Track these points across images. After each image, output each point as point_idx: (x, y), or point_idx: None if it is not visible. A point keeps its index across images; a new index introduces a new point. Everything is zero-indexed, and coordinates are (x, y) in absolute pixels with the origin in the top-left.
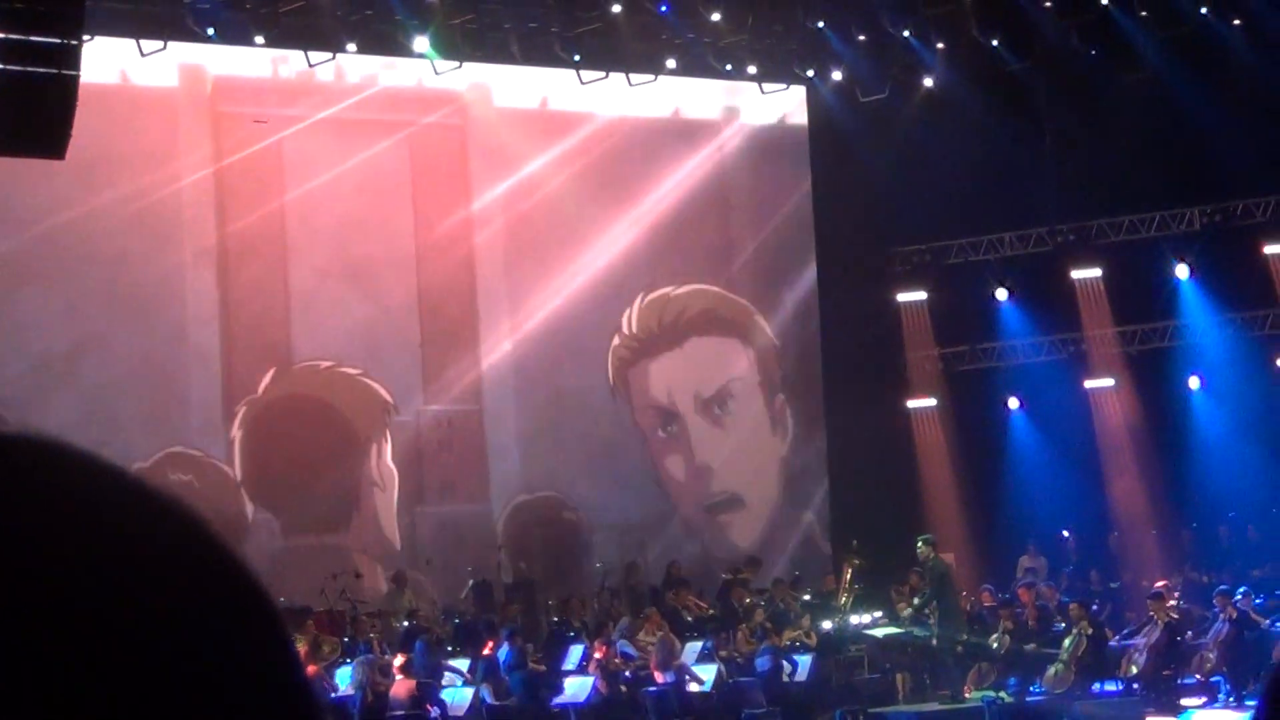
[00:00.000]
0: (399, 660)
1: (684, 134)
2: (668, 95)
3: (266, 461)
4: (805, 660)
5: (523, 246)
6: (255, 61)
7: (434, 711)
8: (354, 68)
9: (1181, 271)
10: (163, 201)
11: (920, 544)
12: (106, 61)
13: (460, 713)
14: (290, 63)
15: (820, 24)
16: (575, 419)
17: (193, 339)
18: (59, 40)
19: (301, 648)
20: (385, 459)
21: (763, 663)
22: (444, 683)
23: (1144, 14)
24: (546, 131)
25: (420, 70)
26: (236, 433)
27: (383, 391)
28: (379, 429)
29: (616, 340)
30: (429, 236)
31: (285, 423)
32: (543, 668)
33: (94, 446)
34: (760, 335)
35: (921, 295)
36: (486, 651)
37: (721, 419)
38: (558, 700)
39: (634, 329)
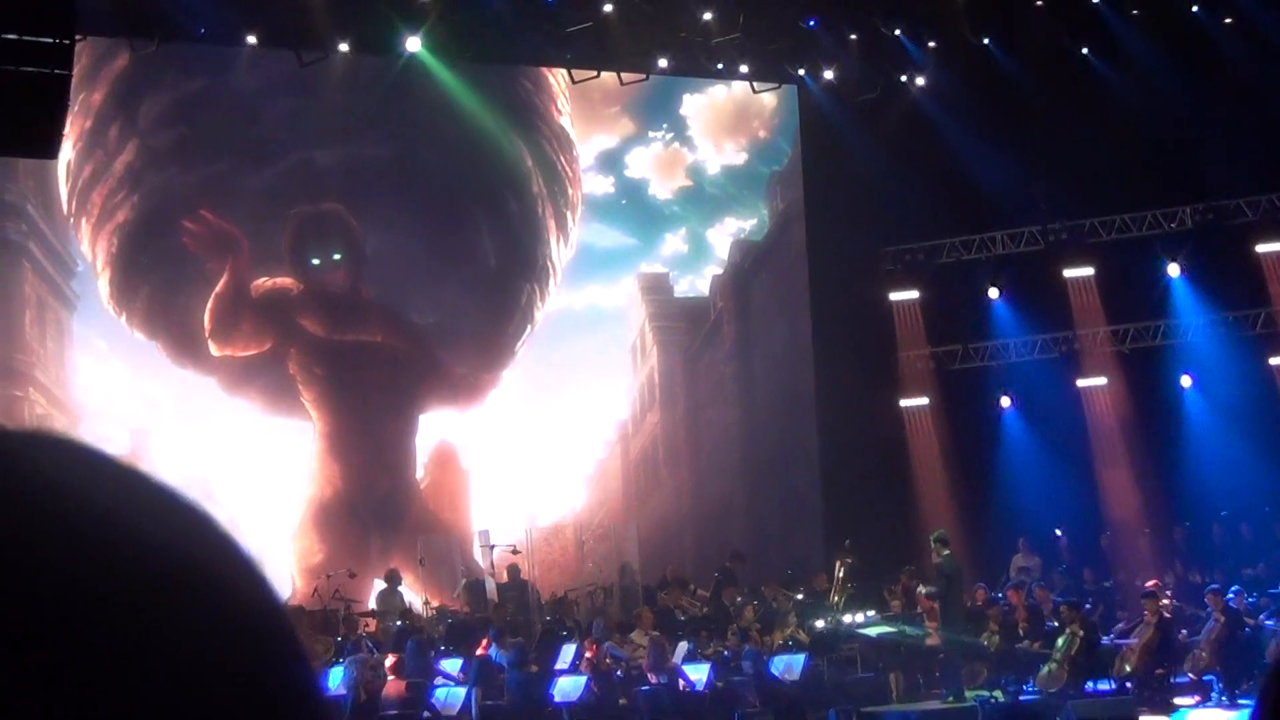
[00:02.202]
0: (390, 660)
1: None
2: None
3: None
4: (798, 659)
5: None
6: None
7: (426, 713)
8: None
9: (1173, 270)
10: None
11: (933, 541)
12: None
13: (453, 713)
14: None
15: (812, 23)
16: None
17: None
18: (51, 39)
19: None
20: None
21: (747, 665)
22: (436, 683)
23: (1135, 13)
24: None
25: None
26: None
27: None
28: None
29: None
30: None
31: None
32: (534, 668)
33: None
34: None
35: (914, 294)
36: (480, 651)
37: None
38: (552, 699)
39: None
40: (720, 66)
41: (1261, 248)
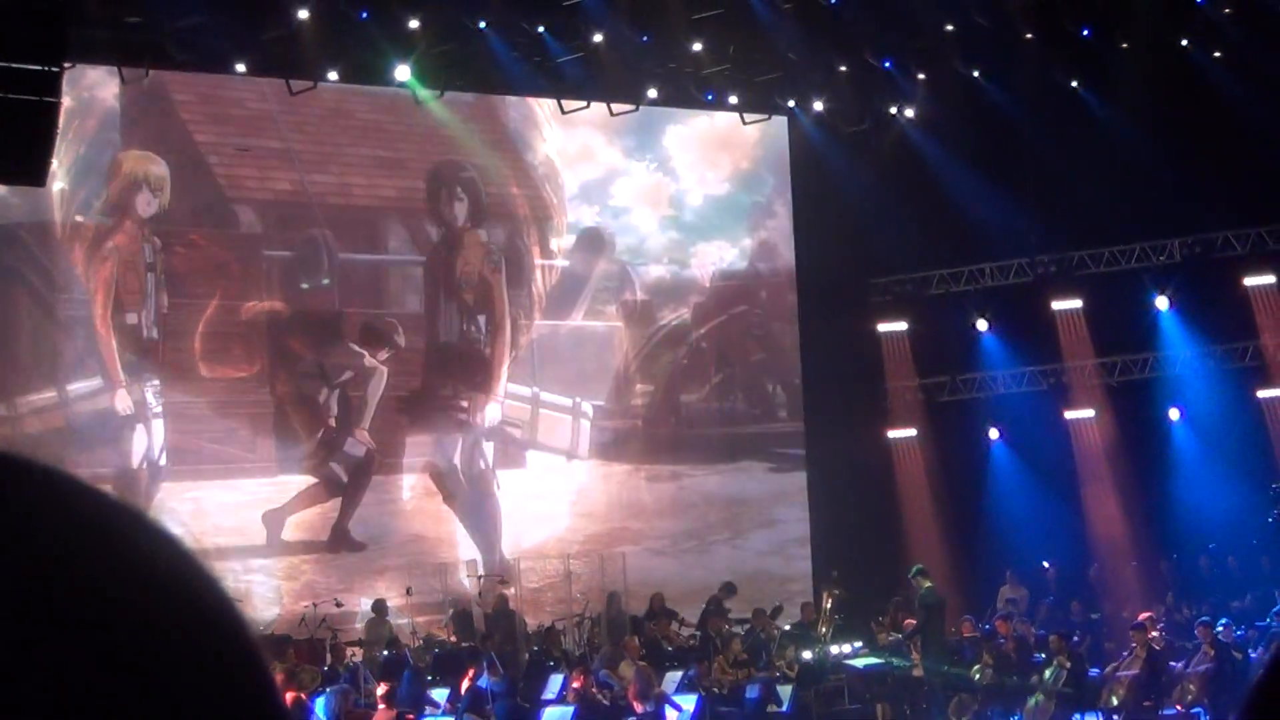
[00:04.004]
0: (381, 689)
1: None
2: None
3: None
4: (785, 691)
5: None
6: None
7: None
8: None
9: (1162, 303)
10: None
11: (912, 574)
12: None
13: None
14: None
15: (801, 54)
16: None
17: None
18: (40, 66)
19: (278, 676)
20: None
21: (753, 690)
22: (425, 713)
23: (1124, 46)
24: None
25: None
26: None
27: None
28: None
29: None
30: None
31: None
32: (525, 705)
33: None
34: None
35: (902, 326)
36: (466, 681)
37: None
38: None
39: None
40: (710, 97)
41: (1250, 281)
